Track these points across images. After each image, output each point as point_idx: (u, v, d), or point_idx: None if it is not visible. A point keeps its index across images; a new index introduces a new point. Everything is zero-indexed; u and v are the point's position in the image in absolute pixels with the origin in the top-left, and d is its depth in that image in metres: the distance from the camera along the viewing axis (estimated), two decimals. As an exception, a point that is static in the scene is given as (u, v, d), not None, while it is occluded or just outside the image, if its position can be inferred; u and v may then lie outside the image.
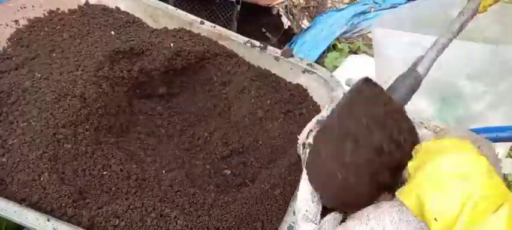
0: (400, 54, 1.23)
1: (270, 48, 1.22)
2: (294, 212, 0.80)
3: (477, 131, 0.76)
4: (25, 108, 0.90)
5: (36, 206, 0.80)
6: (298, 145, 0.78)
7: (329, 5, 2.49)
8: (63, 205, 0.81)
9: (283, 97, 1.16)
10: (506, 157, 1.54)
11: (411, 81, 0.71)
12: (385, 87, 0.63)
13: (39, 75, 0.98)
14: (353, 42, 2.28)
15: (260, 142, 1.09)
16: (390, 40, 1.30)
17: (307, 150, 0.72)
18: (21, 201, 0.80)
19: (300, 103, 1.16)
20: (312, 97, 1.18)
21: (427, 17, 1.34)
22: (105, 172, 0.89)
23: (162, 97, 1.22)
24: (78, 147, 0.90)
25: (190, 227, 0.85)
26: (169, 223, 0.84)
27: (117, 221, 0.82)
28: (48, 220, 0.77)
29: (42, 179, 0.82)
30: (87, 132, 0.94)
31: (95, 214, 0.82)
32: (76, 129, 0.92)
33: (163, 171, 0.99)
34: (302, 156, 0.76)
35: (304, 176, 0.69)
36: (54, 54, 1.06)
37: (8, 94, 0.94)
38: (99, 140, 0.96)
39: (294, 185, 0.92)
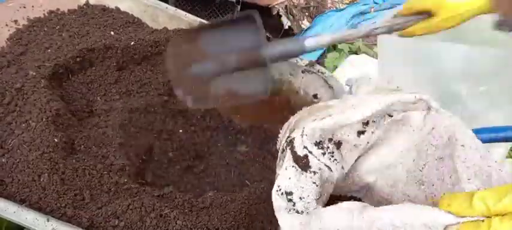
0: (401, 55, 1.23)
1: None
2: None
3: (477, 131, 0.76)
4: (23, 108, 0.90)
5: (35, 207, 0.80)
6: (279, 140, 0.76)
7: (329, 5, 2.49)
8: (63, 205, 0.81)
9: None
10: (506, 157, 1.54)
11: (292, 46, 0.74)
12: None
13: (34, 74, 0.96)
14: (353, 43, 2.28)
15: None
16: (394, 41, 1.30)
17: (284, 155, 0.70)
18: (21, 201, 0.80)
19: (300, 103, 1.16)
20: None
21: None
22: (104, 172, 0.89)
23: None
24: (78, 147, 0.90)
25: (189, 227, 0.84)
26: (169, 223, 0.84)
27: (117, 221, 0.82)
28: (48, 220, 0.77)
29: (42, 179, 0.82)
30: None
31: (95, 214, 0.82)
32: (76, 129, 0.91)
33: (163, 170, 0.98)
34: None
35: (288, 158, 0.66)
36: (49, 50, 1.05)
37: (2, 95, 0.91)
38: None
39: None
